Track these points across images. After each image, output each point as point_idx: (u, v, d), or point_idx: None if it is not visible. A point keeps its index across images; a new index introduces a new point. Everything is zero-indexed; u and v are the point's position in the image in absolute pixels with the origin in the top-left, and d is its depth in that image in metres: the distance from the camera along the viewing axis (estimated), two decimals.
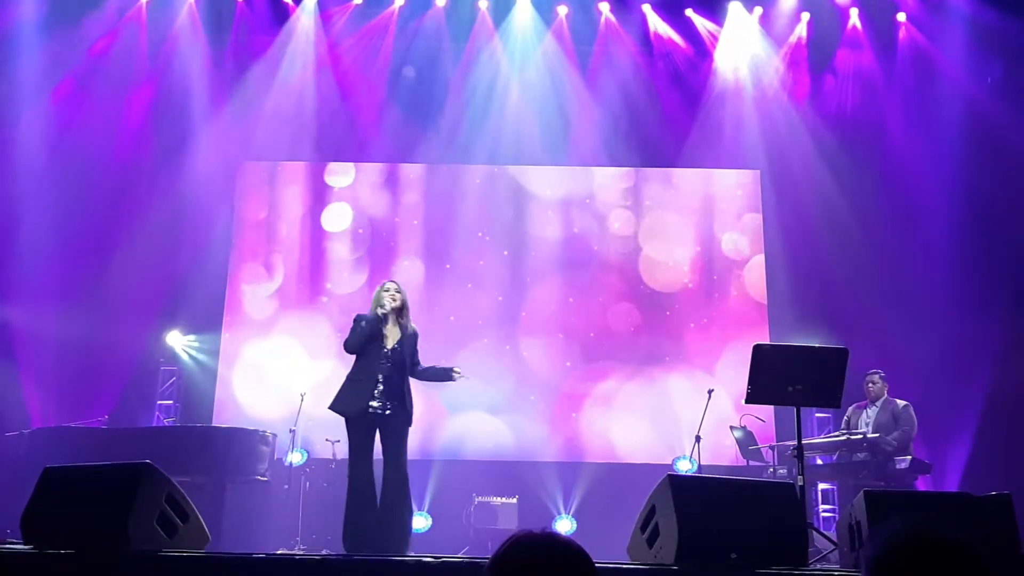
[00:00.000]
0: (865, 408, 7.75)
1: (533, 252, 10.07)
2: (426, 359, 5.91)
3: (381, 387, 5.54)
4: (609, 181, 10.30)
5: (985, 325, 9.04)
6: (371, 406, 5.51)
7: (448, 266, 10.00)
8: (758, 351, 5.42)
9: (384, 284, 5.81)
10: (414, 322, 5.88)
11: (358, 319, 5.72)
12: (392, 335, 5.67)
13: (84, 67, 9.75)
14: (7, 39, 9.41)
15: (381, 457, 5.59)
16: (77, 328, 9.08)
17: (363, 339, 5.61)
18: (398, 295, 5.71)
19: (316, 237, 10.13)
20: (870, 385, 7.71)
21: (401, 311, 5.70)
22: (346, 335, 5.73)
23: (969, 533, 1.52)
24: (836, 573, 4.31)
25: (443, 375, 5.93)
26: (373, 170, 10.33)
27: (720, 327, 9.88)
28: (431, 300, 9.73)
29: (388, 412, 5.52)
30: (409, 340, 5.70)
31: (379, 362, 5.58)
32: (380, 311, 5.65)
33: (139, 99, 9.91)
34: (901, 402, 7.58)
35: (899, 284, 9.47)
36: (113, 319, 9.23)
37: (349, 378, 5.64)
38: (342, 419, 5.62)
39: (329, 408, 5.62)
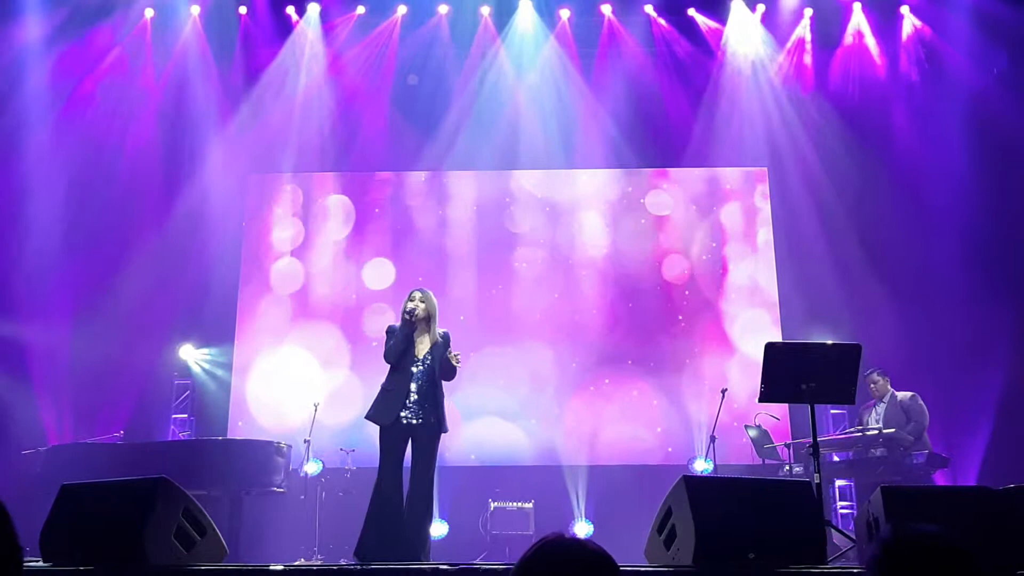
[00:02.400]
0: (873, 407, 7.72)
1: (542, 256, 10.06)
2: None
3: (413, 396, 5.52)
4: (616, 182, 10.29)
5: (1000, 316, 8.97)
6: (403, 416, 5.49)
7: (455, 271, 10.00)
8: (770, 349, 5.39)
9: (410, 293, 5.72)
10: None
11: (390, 331, 5.68)
12: (422, 344, 5.64)
13: (91, 84, 9.81)
14: (15, 57, 9.48)
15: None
16: (91, 344, 9.14)
17: (399, 350, 5.58)
18: (422, 304, 5.64)
19: (324, 247, 10.16)
20: (872, 386, 7.69)
21: (429, 319, 5.67)
22: (382, 346, 5.72)
23: (982, 528, 1.51)
24: (855, 571, 4.28)
25: (447, 365, 5.67)
26: (379, 178, 10.36)
27: (732, 326, 9.85)
28: (441, 306, 9.69)
29: (419, 421, 5.50)
30: (440, 347, 5.64)
31: (410, 371, 5.55)
32: (406, 320, 5.60)
33: (146, 114, 9.96)
34: (907, 394, 7.57)
35: (912, 276, 9.42)
36: (126, 334, 9.27)
37: (383, 388, 5.62)
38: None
39: (365, 418, 5.60)
